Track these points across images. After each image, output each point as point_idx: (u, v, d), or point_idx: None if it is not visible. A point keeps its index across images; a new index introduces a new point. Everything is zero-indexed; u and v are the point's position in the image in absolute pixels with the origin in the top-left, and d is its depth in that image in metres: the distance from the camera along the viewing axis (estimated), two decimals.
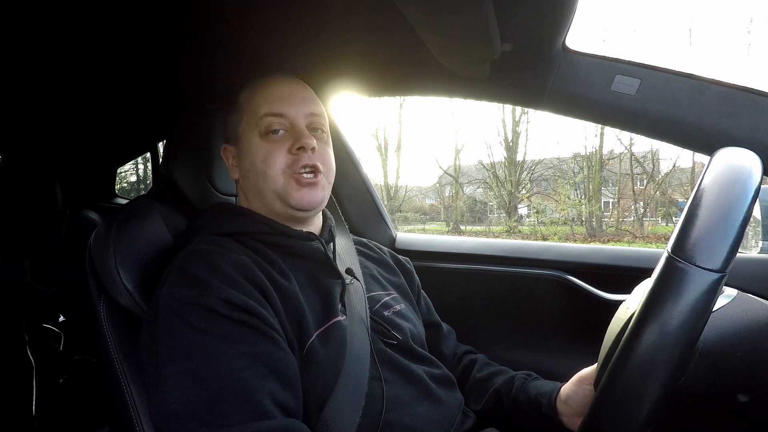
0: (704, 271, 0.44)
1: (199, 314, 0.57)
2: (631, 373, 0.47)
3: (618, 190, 9.27)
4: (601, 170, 9.13)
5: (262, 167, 0.72)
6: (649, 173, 9.04)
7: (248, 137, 0.74)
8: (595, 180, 9.09)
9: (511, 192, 9.75)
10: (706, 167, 0.50)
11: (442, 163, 14.36)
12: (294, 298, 0.66)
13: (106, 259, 0.68)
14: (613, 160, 9.31)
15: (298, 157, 0.71)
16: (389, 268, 0.90)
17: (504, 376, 0.85)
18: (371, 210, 1.33)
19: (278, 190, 0.72)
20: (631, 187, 9.11)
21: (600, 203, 9.25)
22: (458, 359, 0.91)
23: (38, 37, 1.00)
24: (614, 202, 9.47)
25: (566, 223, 9.28)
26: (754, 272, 0.85)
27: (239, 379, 0.54)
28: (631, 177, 9.11)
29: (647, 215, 9.14)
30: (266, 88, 0.75)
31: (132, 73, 1.21)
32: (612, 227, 9.01)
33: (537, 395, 0.77)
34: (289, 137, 0.72)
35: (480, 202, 10.98)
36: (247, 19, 0.91)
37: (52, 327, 1.54)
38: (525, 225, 9.90)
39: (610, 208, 9.66)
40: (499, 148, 10.25)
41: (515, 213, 9.93)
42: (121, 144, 1.89)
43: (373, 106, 13.96)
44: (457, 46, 0.77)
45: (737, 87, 0.79)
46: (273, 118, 0.72)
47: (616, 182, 9.36)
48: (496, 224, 10.21)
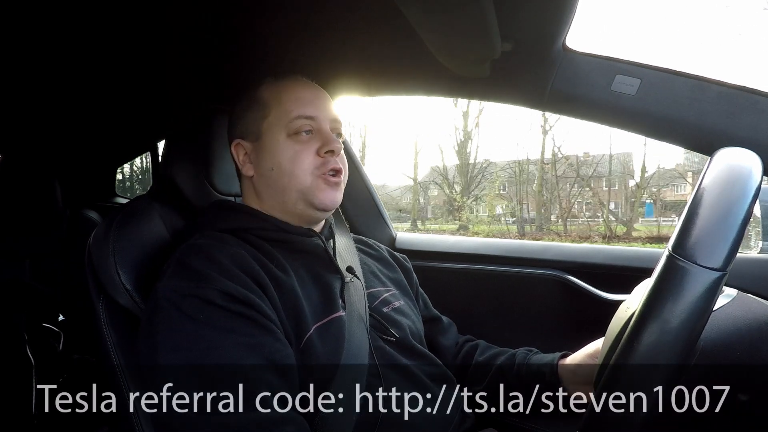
0: (705, 270, 0.44)
1: (197, 306, 0.58)
2: (632, 372, 0.47)
3: (551, 192, 9.76)
4: (544, 173, 9.64)
5: (289, 166, 0.72)
6: (583, 176, 9.52)
7: (274, 135, 0.74)
8: (518, 182, 9.78)
9: (452, 194, 10.35)
10: (706, 167, 0.50)
11: (408, 165, 14.88)
12: (292, 291, 0.66)
13: (105, 259, 0.68)
14: (556, 164, 9.70)
15: (326, 159, 0.73)
16: (388, 264, 0.91)
17: (505, 353, 0.87)
18: (371, 209, 1.33)
19: (304, 190, 0.73)
20: (568, 190, 9.64)
21: (520, 205, 9.86)
22: (460, 347, 0.92)
23: (39, 37, 1.00)
24: (543, 203, 9.96)
25: (493, 223, 9.87)
26: (754, 272, 0.85)
27: (237, 370, 0.54)
28: (555, 180, 9.58)
29: (597, 216, 9.54)
30: (294, 89, 0.76)
31: (132, 72, 1.21)
32: (540, 227, 9.60)
33: (539, 366, 0.79)
34: (316, 139, 0.74)
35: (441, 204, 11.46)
36: (248, 19, 0.91)
37: (51, 326, 1.54)
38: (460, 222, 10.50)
39: (546, 209, 10.05)
40: (454, 151, 10.87)
41: (458, 213, 10.52)
42: (121, 143, 1.89)
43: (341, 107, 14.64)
44: (457, 46, 0.77)
45: (737, 87, 0.79)
46: (304, 120, 0.74)
47: (558, 185, 9.78)
48: (445, 223, 10.79)
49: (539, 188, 9.71)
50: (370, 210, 1.33)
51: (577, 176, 9.46)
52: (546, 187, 9.76)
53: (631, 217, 9.10)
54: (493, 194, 10.29)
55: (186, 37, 1.00)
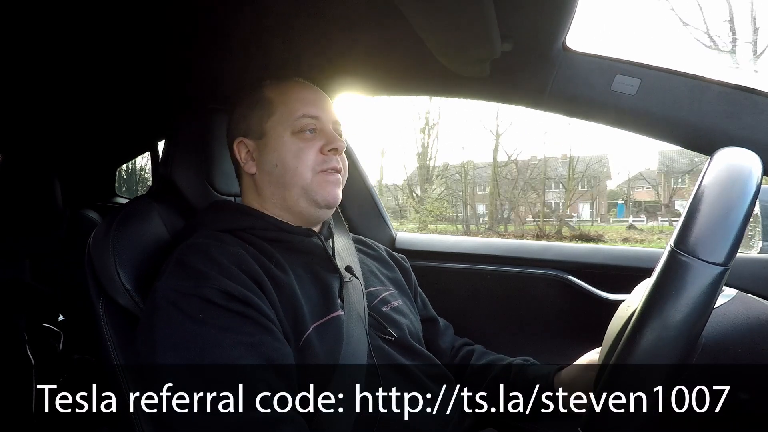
0: (707, 265, 0.44)
1: (196, 305, 0.58)
2: (632, 372, 0.47)
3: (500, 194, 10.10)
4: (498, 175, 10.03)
5: (293, 162, 0.74)
6: (528, 179, 9.83)
7: (278, 133, 0.75)
8: (464, 186, 10.12)
9: (408, 195, 10.73)
10: (707, 167, 0.50)
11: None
12: (290, 290, 0.67)
13: (105, 259, 0.68)
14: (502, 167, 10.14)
15: (328, 158, 0.74)
16: (387, 264, 0.91)
17: (502, 363, 0.86)
18: (371, 210, 1.33)
19: (305, 186, 0.74)
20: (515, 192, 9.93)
21: (465, 205, 10.20)
22: (456, 351, 0.92)
23: (39, 36, 1.00)
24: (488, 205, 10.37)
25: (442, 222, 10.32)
26: (754, 272, 0.85)
27: (236, 369, 0.55)
28: (495, 182, 9.83)
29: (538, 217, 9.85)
30: (299, 90, 0.78)
31: (132, 72, 1.21)
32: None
33: (535, 378, 0.79)
34: (319, 138, 0.75)
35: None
36: (249, 19, 0.91)
37: (51, 326, 1.54)
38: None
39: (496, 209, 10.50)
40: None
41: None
42: (121, 143, 1.89)
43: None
44: (457, 45, 0.77)
45: (737, 87, 0.79)
46: (309, 120, 0.75)
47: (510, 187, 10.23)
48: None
49: (493, 189, 10.03)
50: (370, 210, 1.33)
51: (518, 178, 9.87)
52: (498, 189, 10.12)
53: (561, 218, 9.40)
54: (435, 196, 10.61)
55: (186, 37, 1.00)
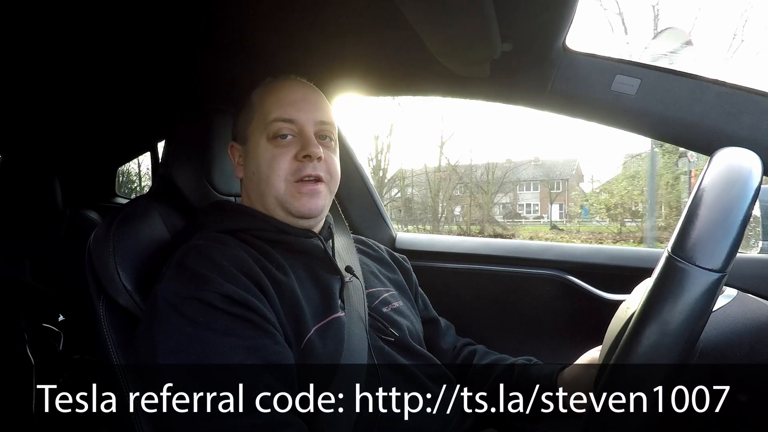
0: (705, 271, 0.44)
1: (197, 308, 0.57)
2: (632, 372, 0.47)
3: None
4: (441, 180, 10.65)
5: (266, 171, 0.72)
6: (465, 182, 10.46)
7: (256, 139, 0.73)
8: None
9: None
10: (706, 167, 0.50)
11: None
12: (291, 293, 0.66)
13: (105, 260, 0.68)
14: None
15: (303, 164, 0.71)
16: (387, 265, 0.91)
17: (505, 363, 0.86)
18: (371, 210, 1.33)
19: (279, 197, 0.72)
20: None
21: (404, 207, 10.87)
22: (458, 351, 0.92)
23: (39, 36, 1.00)
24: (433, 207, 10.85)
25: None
26: (754, 272, 0.85)
27: (236, 370, 0.55)
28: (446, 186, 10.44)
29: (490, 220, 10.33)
30: (279, 91, 0.75)
31: (132, 72, 1.21)
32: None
33: (538, 378, 0.79)
34: (296, 143, 0.72)
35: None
36: (249, 19, 0.91)
37: (51, 326, 1.54)
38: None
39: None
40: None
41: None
42: (121, 143, 1.89)
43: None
44: (457, 46, 0.77)
45: (737, 87, 0.79)
46: (282, 123, 0.72)
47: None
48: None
49: (434, 193, 10.50)
50: (370, 210, 1.33)
51: (460, 181, 10.50)
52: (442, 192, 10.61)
53: (483, 218, 9.87)
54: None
55: (186, 38, 1.00)
